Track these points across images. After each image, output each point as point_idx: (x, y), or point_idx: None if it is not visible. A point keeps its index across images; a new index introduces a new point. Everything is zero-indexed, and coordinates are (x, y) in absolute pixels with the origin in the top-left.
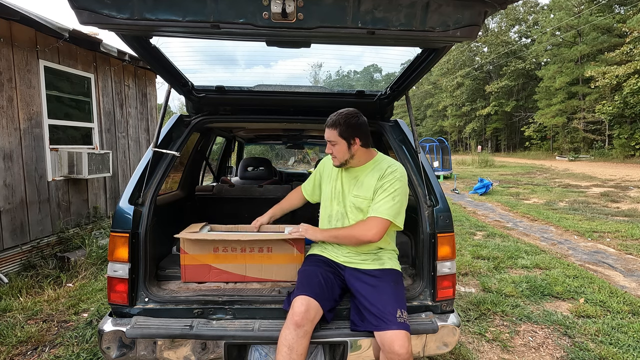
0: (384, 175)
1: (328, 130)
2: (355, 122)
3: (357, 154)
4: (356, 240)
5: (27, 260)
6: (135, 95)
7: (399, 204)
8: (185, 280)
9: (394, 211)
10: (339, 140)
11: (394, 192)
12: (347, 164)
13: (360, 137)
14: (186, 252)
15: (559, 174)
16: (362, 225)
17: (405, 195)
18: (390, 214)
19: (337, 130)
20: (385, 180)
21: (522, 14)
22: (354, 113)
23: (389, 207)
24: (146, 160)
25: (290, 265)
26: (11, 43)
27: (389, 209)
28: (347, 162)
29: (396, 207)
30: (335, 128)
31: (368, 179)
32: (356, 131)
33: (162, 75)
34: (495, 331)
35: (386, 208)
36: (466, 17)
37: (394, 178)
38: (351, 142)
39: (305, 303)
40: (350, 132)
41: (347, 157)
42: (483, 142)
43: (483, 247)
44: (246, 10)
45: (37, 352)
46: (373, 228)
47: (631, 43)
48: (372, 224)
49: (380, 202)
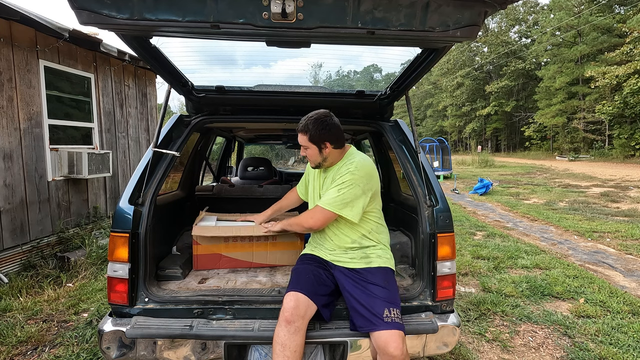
0: (340, 169)
1: (299, 135)
2: (325, 126)
3: (330, 156)
4: (301, 227)
5: (27, 260)
6: (135, 95)
7: (344, 196)
8: (197, 268)
9: (337, 202)
10: (310, 145)
11: (341, 185)
12: (321, 166)
13: (330, 141)
14: (198, 242)
15: (559, 174)
16: (307, 212)
17: (355, 187)
18: (333, 205)
19: (307, 135)
20: (340, 174)
21: (522, 14)
22: (324, 116)
23: (333, 197)
24: (146, 160)
25: (292, 251)
26: (11, 43)
27: (332, 200)
28: (321, 165)
29: (340, 199)
30: (305, 133)
31: (333, 174)
32: (326, 135)
33: (162, 75)
34: (495, 331)
35: (329, 198)
36: (466, 17)
37: (346, 170)
38: (322, 147)
39: (294, 299)
40: (320, 137)
41: (320, 160)
42: (483, 142)
43: (483, 247)
44: (246, 10)
45: (37, 352)
46: (314, 216)
47: (631, 43)
48: (314, 212)
49: (327, 194)
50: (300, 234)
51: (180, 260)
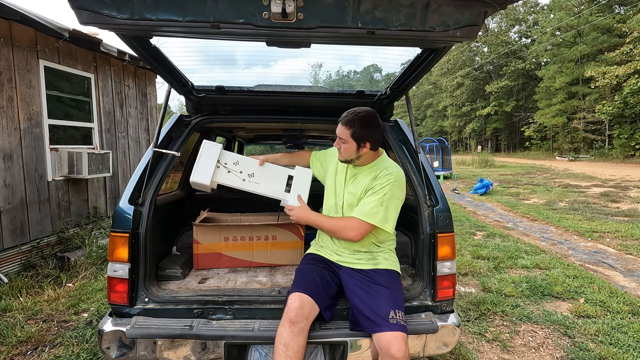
0: (378, 177)
1: (341, 127)
2: (370, 125)
3: (364, 156)
4: (336, 235)
5: (27, 260)
6: (135, 95)
7: (387, 210)
8: (197, 267)
9: (380, 216)
10: (350, 141)
11: (382, 196)
12: (351, 163)
13: (371, 142)
14: (199, 242)
15: (559, 174)
16: (347, 222)
17: (396, 200)
18: (376, 219)
19: (350, 130)
20: (377, 183)
21: (522, 14)
22: (371, 116)
23: (376, 211)
24: (146, 160)
25: (292, 251)
26: (11, 43)
27: (375, 213)
28: (351, 161)
29: (383, 212)
30: (349, 128)
31: (364, 178)
32: (369, 136)
33: (162, 75)
34: (495, 331)
35: (373, 212)
36: (466, 17)
37: (387, 181)
38: (361, 145)
39: (299, 299)
40: (363, 135)
41: (353, 157)
42: (483, 142)
43: (483, 247)
44: (246, 10)
45: (37, 352)
46: (355, 229)
47: (631, 43)
48: (356, 224)
49: (367, 204)
50: (300, 234)
51: (180, 260)
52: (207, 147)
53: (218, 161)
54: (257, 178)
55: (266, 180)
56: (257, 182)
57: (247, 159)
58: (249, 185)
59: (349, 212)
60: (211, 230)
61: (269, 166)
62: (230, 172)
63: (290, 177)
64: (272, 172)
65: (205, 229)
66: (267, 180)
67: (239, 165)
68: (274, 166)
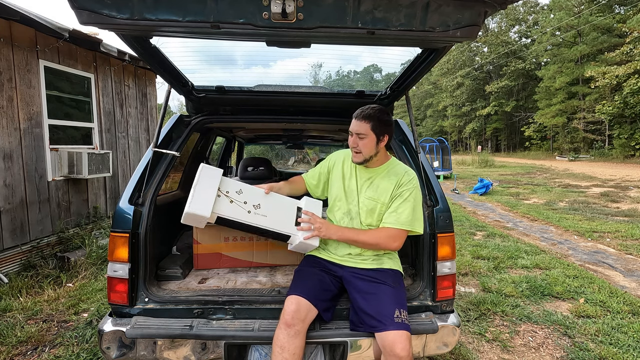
0: (402, 183)
1: (358, 123)
2: (388, 119)
3: (380, 153)
4: (377, 248)
5: (27, 260)
6: (135, 95)
7: (418, 214)
8: (197, 267)
9: (416, 222)
10: (370, 134)
11: (413, 202)
12: (369, 161)
13: (389, 135)
14: (199, 242)
15: (559, 174)
16: (386, 233)
17: (421, 202)
18: (414, 226)
19: (370, 123)
20: (405, 189)
21: (522, 14)
22: (386, 111)
23: (412, 218)
24: (146, 160)
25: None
26: (11, 43)
27: (411, 221)
28: (370, 159)
29: (415, 217)
30: (368, 121)
31: (384, 182)
32: (388, 128)
33: (162, 75)
34: (495, 331)
35: (409, 220)
36: (466, 17)
37: (413, 187)
38: (381, 139)
39: (296, 302)
40: (382, 128)
41: (373, 153)
42: (483, 142)
43: (483, 247)
44: (246, 10)
45: (37, 352)
46: (398, 239)
47: (631, 43)
48: (396, 233)
49: (402, 213)
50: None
51: (180, 260)
52: (206, 172)
53: (219, 189)
54: (264, 210)
55: (274, 213)
56: (265, 215)
57: (252, 187)
58: (254, 219)
59: (369, 219)
60: (211, 230)
61: (275, 196)
62: (234, 203)
63: (299, 209)
64: (278, 202)
65: (205, 229)
66: (275, 212)
67: (242, 195)
68: (279, 196)
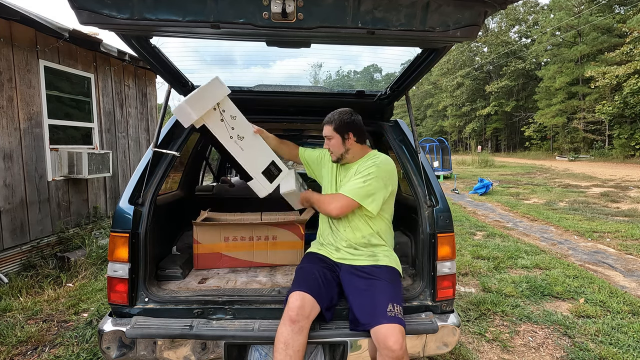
0: (366, 165)
1: (324, 127)
2: (348, 118)
3: (352, 149)
4: (321, 207)
5: (27, 260)
6: (135, 95)
7: (369, 187)
8: (197, 267)
9: (362, 192)
10: (334, 135)
11: (366, 175)
12: (342, 159)
13: (353, 133)
14: (199, 242)
15: (559, 174)
16: (330, 197)
17: (380, 180)
18: (357, 195)
19: (332, 125)
20: (364, 166)
21: (522, 14)
22: (348, 111)
23: (357, 187)
24: (146, 160)
25: (292, 251)
26: (11, 43)
27: (356, 190)
28: (342, 157)
29: (365, 190)
30: (330, 124)
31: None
32: (349, 127)
33: (162, 75)
34: (495, 331)
35: (353, 188)
36: (466, 17)
37: (372, 164)
38: (345, 137)
39: (300, 298)
40: (344, 128)
41: (342, 151)
42: (483, 142)
43: (483, 247)
44: (246, 10)
45: (37, 352)
46: (335, 202)
47: (631, 43)
48: (336, 198)
49: (352, 184)
50: (300, 234)
51: (180, 260)
52: (216, 84)
53: (218, 104)
54: (244, 144)
55: (251, 152)
56: (242, 149)
57: (246, 121)
58: (232, 146)
59: None
60: (211, 230)
61: (260, 140)
62: (223, 122)
63: (273, 163)
64: (260, 147)
65: (205, 229)
66: (252, 152)
67: (234, 121)
68: (264, 143)
